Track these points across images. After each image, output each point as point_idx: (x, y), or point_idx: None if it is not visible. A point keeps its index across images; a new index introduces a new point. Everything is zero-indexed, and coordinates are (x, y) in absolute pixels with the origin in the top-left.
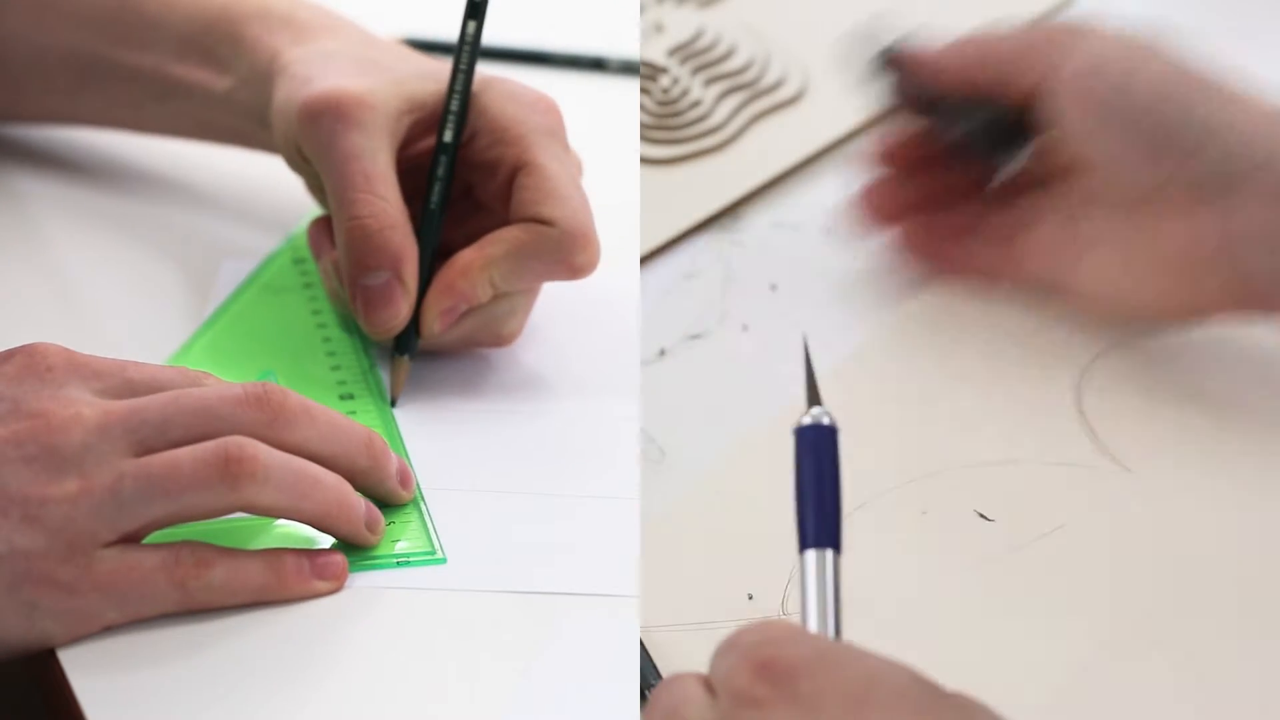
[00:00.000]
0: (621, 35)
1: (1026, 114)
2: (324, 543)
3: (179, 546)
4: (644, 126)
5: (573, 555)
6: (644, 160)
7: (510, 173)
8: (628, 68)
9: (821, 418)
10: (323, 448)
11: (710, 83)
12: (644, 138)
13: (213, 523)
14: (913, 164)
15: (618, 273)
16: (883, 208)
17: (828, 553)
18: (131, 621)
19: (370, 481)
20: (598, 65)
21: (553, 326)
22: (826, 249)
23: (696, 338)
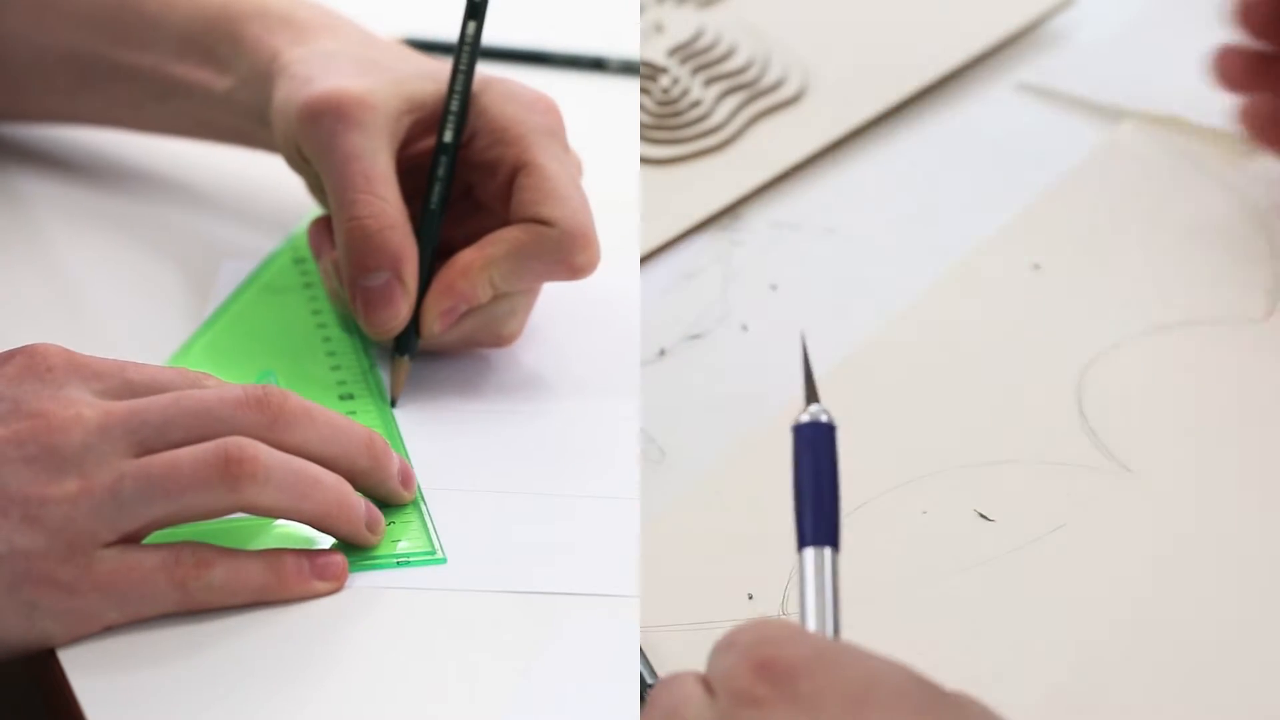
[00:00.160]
0: (621, 35)
1: None
2: (324, 543)
3: (179, 547)
4: (644, 126)
5: (573, 555)
6: (644, 160)
7: (510, 173)
8: (628, 68)
9: (820, 415)
10: (323, 449)
11: (710, 83)
12: (644, 138)
13: (213, 523)
14: (1268, 28)
15: (618, 273)
16: (1229, 74)
17: (826, 551)
18: (131, 621)
19: (371, 482)
20: (598, 65)
21: (553, 326)
22: (826, 249)
23: (696, 338)
